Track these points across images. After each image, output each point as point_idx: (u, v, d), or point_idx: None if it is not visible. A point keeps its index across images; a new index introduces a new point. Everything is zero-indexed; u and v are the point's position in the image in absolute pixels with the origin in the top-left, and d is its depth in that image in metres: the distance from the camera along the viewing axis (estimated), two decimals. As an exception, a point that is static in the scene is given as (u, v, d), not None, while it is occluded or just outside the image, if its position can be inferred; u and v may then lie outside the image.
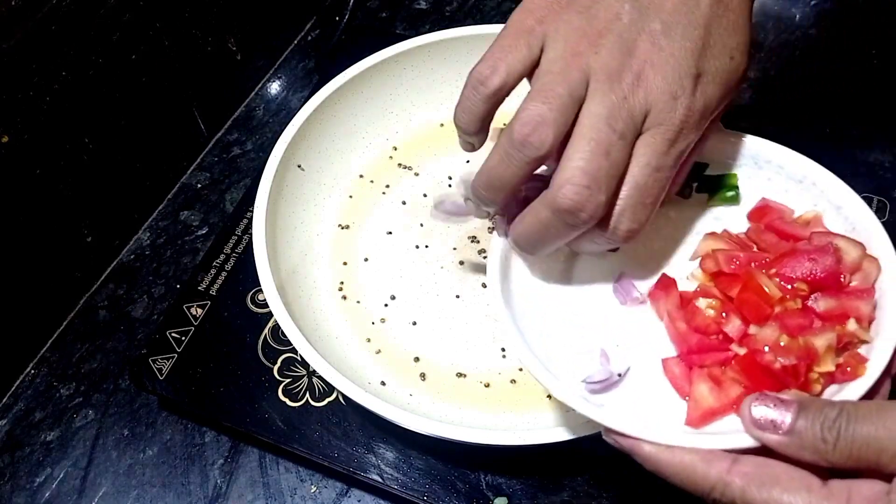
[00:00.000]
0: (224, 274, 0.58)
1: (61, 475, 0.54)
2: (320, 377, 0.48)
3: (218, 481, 0.53)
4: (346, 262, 0.57)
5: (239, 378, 0.53)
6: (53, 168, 0.55)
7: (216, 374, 0.53)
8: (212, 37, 0.67)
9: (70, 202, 0.58)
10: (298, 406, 0.52)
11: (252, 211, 0.52)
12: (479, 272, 0.56)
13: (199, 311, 0.56)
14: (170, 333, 0.55)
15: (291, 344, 0.46)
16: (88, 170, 0.58)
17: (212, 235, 0.64)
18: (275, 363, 0.54)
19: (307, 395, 0.52)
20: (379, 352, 0.53)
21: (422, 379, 0.52)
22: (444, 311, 0.55)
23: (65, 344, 0.60)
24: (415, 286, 0.56)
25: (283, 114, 0.73)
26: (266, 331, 0.55)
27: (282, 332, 0.48)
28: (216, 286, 0.57)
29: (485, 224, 0.58)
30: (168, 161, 0.68)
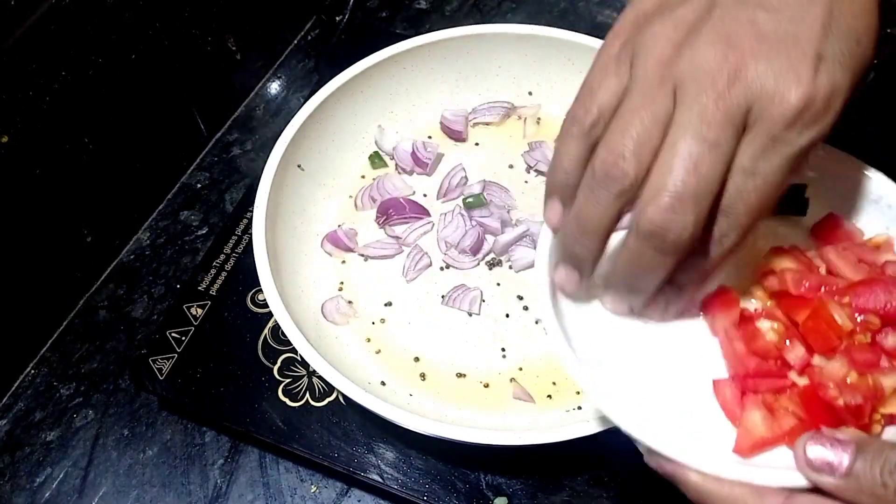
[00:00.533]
0: (224, 274, 0.58)
1: (61, 475, 0.54)
2: (320, 377, 0.48)
3: (218, 481, 0.53)
4: (348, 263, 0.57)
5: (239, 378, 0.53)
6: (53, 168, 0.55)
7: (216, 374, 0.53)
8: (212, 37, 0.67)
9: (70, 202, 0.58)
10: (298, 406, 0.52)
11: (252, 211, 0.52)
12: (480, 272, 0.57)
13: (199, 311, 0.56)
14: (170, 333, 0.55)
15: (291, 344, 0.46)
16: (88, 170, 0.58)
17: (212, 235, 0.64)
18: (275, 363, 0.54)
19: (307, 395, 0.52)
20: (379, 352, 0.53)
21: (422, 379, 0.52)
22: (444, 311, 0.55)
23: (65, 344, 0.60)
24: (415, 286, 0.56)
25: (283, 114, 0.73)
26: (266, 331, 0.55)
27: (282, 332, 0.48)
28: (216, 286, 0.57)
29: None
30: (168, 161, 0.68)
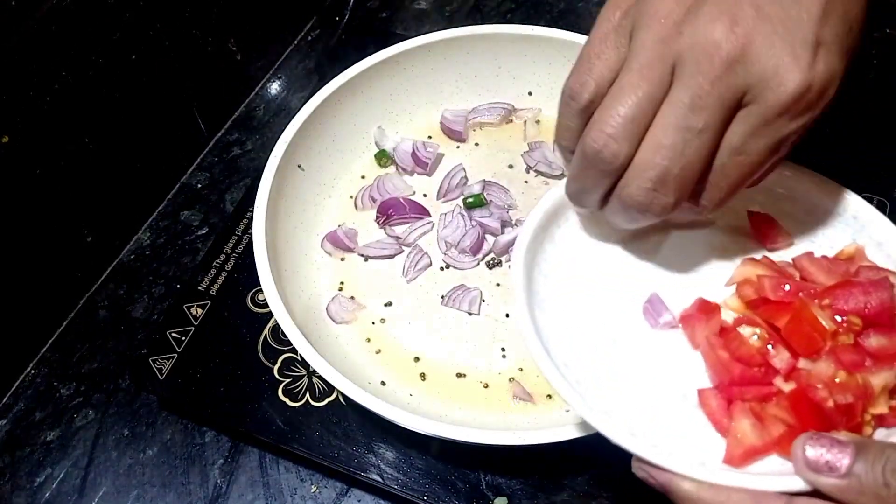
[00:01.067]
0: (224, 274, 0.58)
1: (61, 475, 0.54)
2: (320, 377, 0.48)
3: (218, 481, 0.53)
4: (348, 263, 0.57)
5: (239, 378, 0.53)
6: (53, 168, 0.55)
7: (216, 374, 0.53)
8: (212, 37, 0.67)
9: (70, 202, 0.58)
10: (298, 406, 0.52)
11: (252, 211, 0.52)
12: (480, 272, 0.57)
13: (199, 311, 0.56)
14: (170, 333, 0.55)
15: (291, 344, 0.46)
16: (88, 170, 0.58)
17: (212, 235, 0.64)
18: (275, 363, 0.54)
19: (307, 395, 0.52)
20: (379, 352, 0.53)
21: (422, 379, 0.52)
22: (444, 312, 0.55)
23: (65, 344, 0.60)
24: (415, 286, 0.56)
25: (283, 114, 0.73)
26: (266, 331, 0.55)
27: (282, 332, 0.48)
28: (216, 286, 0.57)
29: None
30: (168, 161, 0.68)
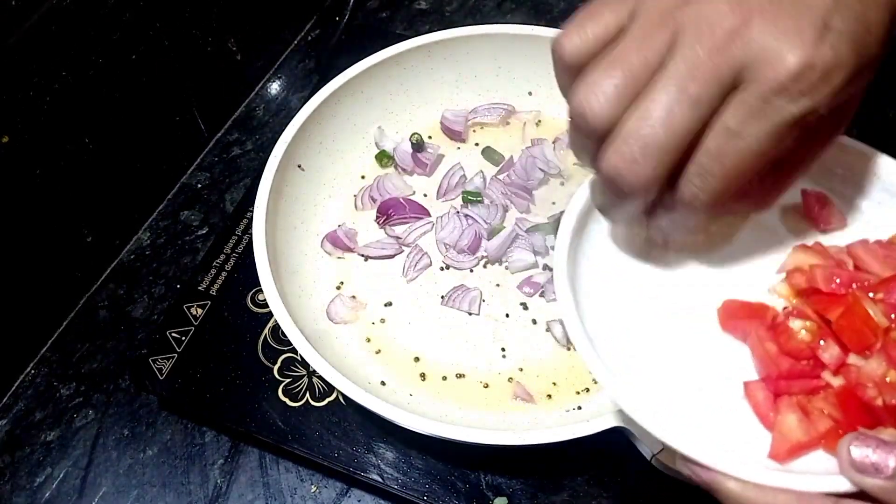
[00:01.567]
0: (224, 274, 0.58)
1: (61, 475, 0.54)
2: (320, 377, 0.48)
3: (218, 481, 0.53)
4: (348, 263, 0.57)
5: (239, 378, 0.53)
6: (53, 168, 0.55)
7: (216, 374, 0.53)
8: (212, 37, 0.67)
9: (70, 202, 0.58)
10: (298, 406, 0.52)
11: (252, 211, 0.52)
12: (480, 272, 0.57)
13: (199, 311, 0.56)
14: (170, 333, 0.55)
15: (291, 344, 0.46)
16: (88, 170, 0.58)
17: (212, 235, 0.65)
18: (275, 363, 0.54)
19: (307, 395, 0.52)
20: (379, 352, 0.53)
21: (422, 379, 0.52)
22: (444, 312, 0.55)
23: (65, 344, 0.60)
24: (415, 286, 0.56)
25: (283, 114, 0.73)
26: (266, 331, 0.55)
27: (282, 332, 0.48)
28: (216, 286, 0.57)
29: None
30: (168, 161, 0.68)
